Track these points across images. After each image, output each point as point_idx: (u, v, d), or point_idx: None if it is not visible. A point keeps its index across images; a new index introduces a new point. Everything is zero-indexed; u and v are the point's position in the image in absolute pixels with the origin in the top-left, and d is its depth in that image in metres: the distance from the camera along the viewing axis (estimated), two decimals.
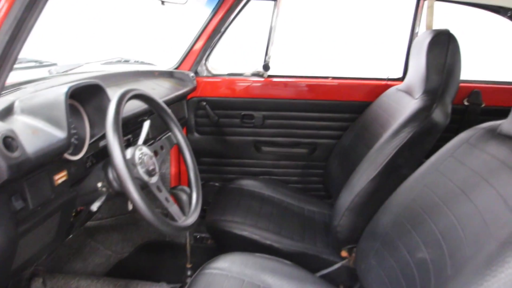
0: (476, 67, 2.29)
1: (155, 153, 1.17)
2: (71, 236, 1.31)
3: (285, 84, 2.21)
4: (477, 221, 0.86)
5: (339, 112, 2.21)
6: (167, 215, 1.09)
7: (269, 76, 2.21)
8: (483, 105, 2.11)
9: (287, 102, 2.21)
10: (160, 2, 1.65)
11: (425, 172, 1.17)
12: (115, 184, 1.08)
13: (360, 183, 1.49)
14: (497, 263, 0.70)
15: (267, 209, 1.85)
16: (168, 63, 2.20)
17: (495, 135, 1.04)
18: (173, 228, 1.02)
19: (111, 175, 1.08)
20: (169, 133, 1.28)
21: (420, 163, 1.26)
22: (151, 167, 1.08)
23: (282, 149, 2.29)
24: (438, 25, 1.82)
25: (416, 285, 0.97)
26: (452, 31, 1.58)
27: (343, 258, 1.60)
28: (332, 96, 2.20)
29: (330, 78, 2.22)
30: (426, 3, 2.01)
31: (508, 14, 2.01)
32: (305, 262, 1.50)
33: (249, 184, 2.04)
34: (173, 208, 1.09)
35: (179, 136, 1.27)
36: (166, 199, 1.08)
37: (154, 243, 2.28)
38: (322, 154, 2.27)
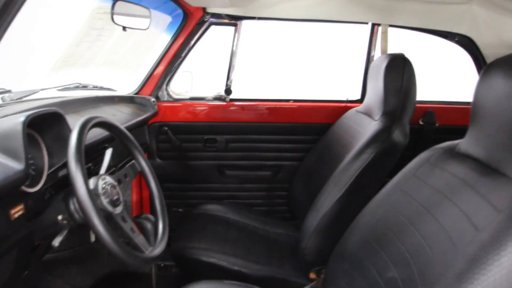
0: (430, 88, 2.40)
1: (119, 181, 1.13)
2: (27, 272, 1.23)
3: (247, 107, 2.22)
4: (443, 239, 0.89)
5: (301, 134, 2.24)
6: (132, 245, 1.06)
7: (231, 100, 2.21)
8: (437, 124, 2.21)
9: (249, 125, 2.22)
10: (122, 29, 1.62)
11: (390, 192, 1.20)
12: (77, 216, 1.03)
13: (326, 204, 1.51)
14: (467, 280, 0.72)
15: (233, 233, 1.82)
16: (128, 88, 2.16)
17: (454, 154, 1.08)
18: (141, 260, 0.99)
19: (72, 206, 1.03)
20: (133, 161, 1.25)
21: (384, 182, 1.30)
22: (115, 197, 1.04)
23: (245, 172, 2.29)
24: (395, 49, 1.91)
25: None
26: (406, 55, 1.66)
27: (311, 280, 1.59)
28: (293, 119, 2.23)
29: (291, 101, 2.26)
30: (380, 28, 2.10)
31: (456, 39, 2.13)
32: (274, 286, 1.49)
33: (213, 208, 2.01)
34: (139, 239, 1.05)
35: (143, 163, 1.24)
36: (132, 230, 1.04)
37: (115, 274, 2.18)
38: (286, 176, 2.28)
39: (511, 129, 0.89)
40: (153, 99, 2.10)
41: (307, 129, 2.23)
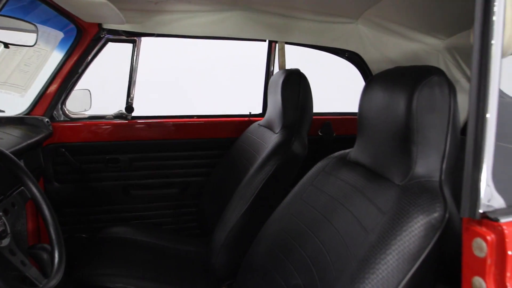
0: (327, 100, 2.56)
1: (5, 211, 1.04)
2: None
3: (151, 124, 2.17)
4: (339, 244, 0.95)
5: (208, 150, 2.25)
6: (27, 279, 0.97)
7: (133, 118, 2.15)
8: (334, 135, 2.36)
9: (154, 143, 2.18)
10: (3, 45, 1.50)
11: (291, 201, 1.25)
12: None
13: (232, 218, 1.53)
14: (359, 280, 0.78)
15: (141, 255, 1.76)
16: (18, 109, 2.00)
17: (346, 162, 1.17)
18: None
19: None
20: (21, 188, 1.16)
21: (286, 192, 1.35)
22: (0, 229, 0.96)
23: (152, 191, 2.23)
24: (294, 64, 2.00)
25: None
26: (307, 69, 1.76)
27: None
28: (198, 135, 2.23)
29: (195, 117, 2.26)
30: (277, 45, 2.20)
31: (346, 55, 2.31)
32: None
33: (120, 231, 1.92)
34: (32, 272, 0.98)
35: (34, 189, 1.15)
36: (22, 263, 0.96)
37: None
38: (194, 192, 2.27)
39: (391, 137, 0.98)
40: (46, 119, 1.96)
41: (213, 144, 2.25)
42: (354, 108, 1.16)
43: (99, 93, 2.21)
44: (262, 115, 2.33)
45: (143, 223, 2.17)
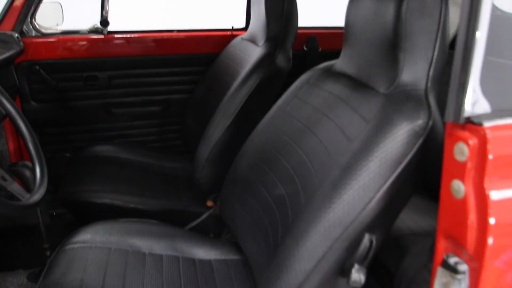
0: (313, 13, 2.46)
1: None
2: None
3: (129, 40, 2.08)
4: (322, 153, 0.95)
5: (189, 66, 2.18)
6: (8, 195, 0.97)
7: (110, 33, 2.04)
8: (320, 49, 2.29)
9: (133, 60, 2.10)
10: None
11: (274, 114, 1.24)
12: None
13: (216, 133, 1.52)
14: (341, 186, 0.80)
15: (126, 172, 1.77)
16: None
17: (331, 73, 1.14)
18: (16, 207, 0.91)
19: None
20: None
21: (270, 107, 1.33)
22: None
23: (134, 109, 2.19)
24: None
25: (276, 219, 1.04)
26: None
27: (209, 208, 1.64)
28: (179, 50, 2.15)
29: (175, 31, 2.16)
30: None
31: None
32: (172, 219, 1.50)
33: (103, 150, 1.92)
34: (14, 187, 0.97)
35: (8, 106, 1.11)
36: (3, 178, 0.95)
37: (2, 230, 2.03)
38: (177, 110, 2.23)
39: (378, 45, 0.95)
40: (16, 35, 1.85)
41: (194, 60, 2.17)
42: (341, 23, 1.12)
43: (71, 5, 2.08)
44: (245, 29, 2.24)
45: (127, 142, 2.16)
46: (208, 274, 1.21)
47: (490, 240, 0.65)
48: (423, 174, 0.86)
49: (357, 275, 0.80)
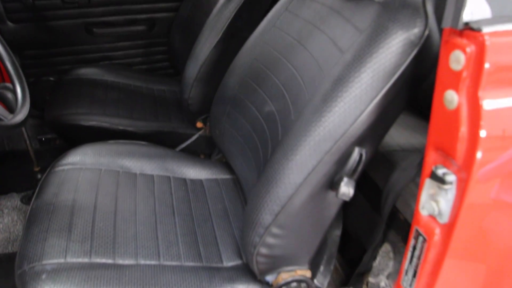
0: None
1: None
2: None
3: None
4: (313, 67, 0.92)
5: None
6: None
7: None
8: None
9: None
10: None
11: (264, 29, 1.18)
12: None
13: (203, 52, 1.46)
14: (331, 99, 0.77)
15: (113, 95, 1.73)
16: None
17: None
18: (0, 128, 0.89)
19: None
20: None
21: (259, 23, 1.27)
22: None
23: (117, 29, 2.08)
24: None
25: (266, 135, 1.03)
26: None
27: (199, 129, 1.63)
28: None
29: None
30: None
31: None
32: (162, 140, 1.49)
33: (88, 72, 1.86)
34: None
35: None
36: None
37: None
38: (163, 30, 2.13)
39: None
40: None
41: None
42: None
43: None
44: None
45: (112, 64, 2.09)
46: (200, 192, 1.23)
47: (479, 153, 0.64)
48: (416, 87, 0.83)
49: (346, 188, 0.80)
